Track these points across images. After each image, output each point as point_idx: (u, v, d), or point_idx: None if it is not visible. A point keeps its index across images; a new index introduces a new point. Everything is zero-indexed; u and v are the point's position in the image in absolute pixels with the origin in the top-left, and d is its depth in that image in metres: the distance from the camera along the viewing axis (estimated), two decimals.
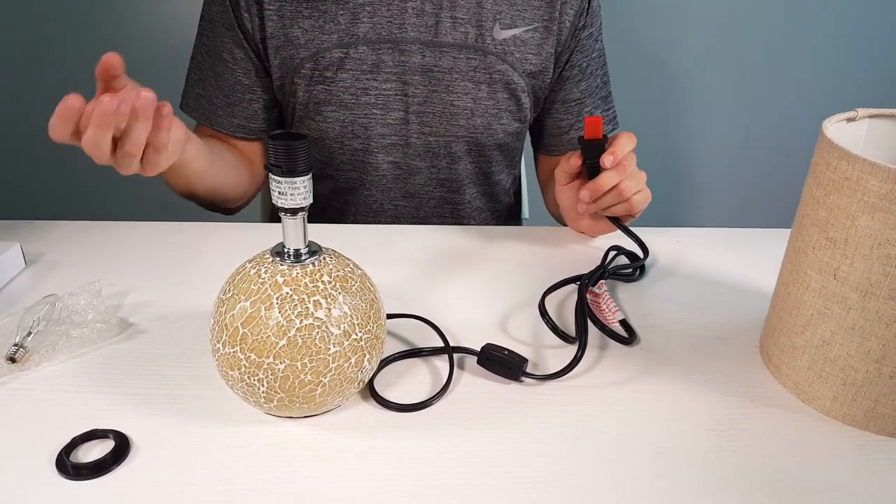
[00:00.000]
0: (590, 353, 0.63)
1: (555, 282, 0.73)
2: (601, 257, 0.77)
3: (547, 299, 0.70)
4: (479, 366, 0.60)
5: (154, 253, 0.78)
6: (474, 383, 0.59)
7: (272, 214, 1.14)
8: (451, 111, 0.90)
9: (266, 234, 0.84)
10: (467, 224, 1.00)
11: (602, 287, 0.70)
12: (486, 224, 1.04)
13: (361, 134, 0.90)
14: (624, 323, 0.66)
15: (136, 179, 0.72)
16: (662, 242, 0.83)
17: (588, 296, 0.70)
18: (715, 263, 0.79)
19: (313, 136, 0.91)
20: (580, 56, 0.94)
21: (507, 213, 1.10)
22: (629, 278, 0.75)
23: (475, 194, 1.00)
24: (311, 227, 0.76)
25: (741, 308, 0.71)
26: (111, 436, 0.50)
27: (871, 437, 0.53)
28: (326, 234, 0.84)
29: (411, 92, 0.89)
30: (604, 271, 0.73)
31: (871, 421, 0.53)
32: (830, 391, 0.54)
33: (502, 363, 0.59)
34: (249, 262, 0.52)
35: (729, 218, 2.05)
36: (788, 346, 0.57)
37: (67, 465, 0.47)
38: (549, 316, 0.67)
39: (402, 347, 0.62)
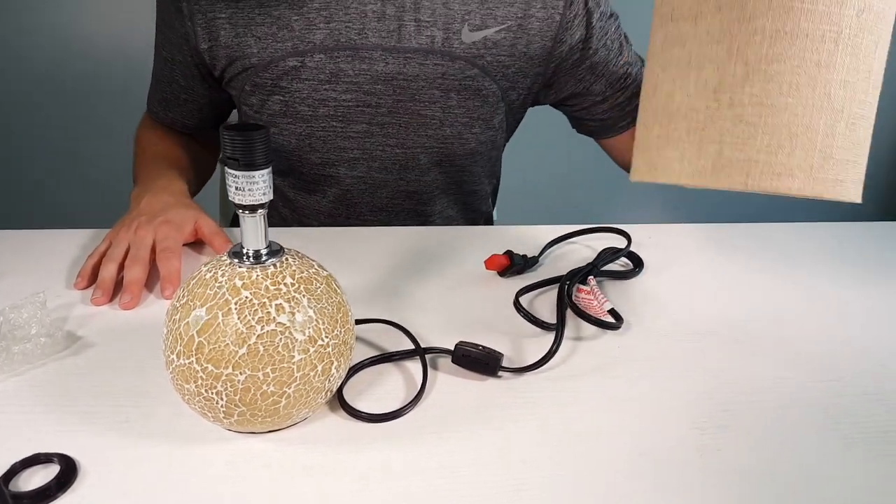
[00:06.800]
0: (569, 346, 0.61)
1: (528, 281, 0.70)
2: (579, 257, 0.75)
3: (524, 298, 0.68)
4: (453, 365, 0.57)
5: None
6: (449, 384, 0.56)
7: (232, 221, 1.10)
8: (419, 121, 0.84)
9: None
10: None
11: (591, 283, 0.68)
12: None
13: (320, 147, 0.85)
14: (612, 312, 0.64)
15: (84, 187, 0.69)
16: (636, 238, 0.81)
17: (579, 293, 0.67)
18: (692, 259, 0.78)
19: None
20: (603, 37, 0.86)
21: (483, 221, 1.07)
22: (624, 275, 0.73)
23: (447, 204, 0.96)
24: (271, 230, 0.72)
25: (718, 303, 0.69)
26: (56, 460, 0.46)
27: (855, 433, 0.52)
28: (287, 237, 0.80)
29: (374, 102, 0.83)
30: (593, 268, 0.71)
31: (720, 171, 0.47)
32: (677, 150, 0.49)
33: (478, 360, 0.56)
34: (205, 265, 0.48)
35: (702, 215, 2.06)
36: (641, 127, 0.52)
37: (6, 495, 0.43)
38: (524, 309, 0.64)
39: (372, 353, 0.59)
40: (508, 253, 0.72)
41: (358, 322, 0.62)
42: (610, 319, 0.63)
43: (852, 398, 0.55)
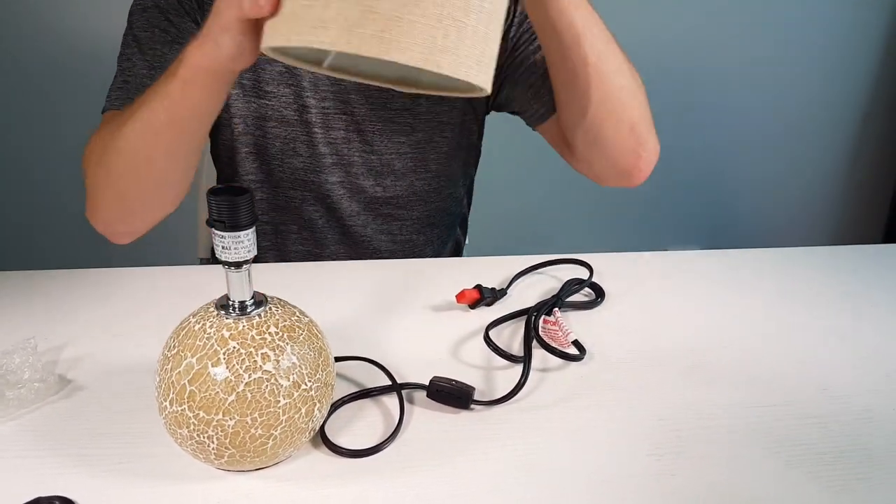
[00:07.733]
0: (536, 377, 0.65)
1: (500, 312, 0.75)
2: (546, 288, 0.79)
3: (495, 330, 0.72)
4: (428, 399, 0.61)
5: (90, 302, 0.76)
6: (425, 418, 0.59)
7: (211, 255, 1.12)
8: (391, 128, 0.91)
9: (207, 276, 0.83)
10: (415, 243, 1.01)
11: (557, 314, 0.72)
12: (434, 244, 1.05)
13: (303, 152, 0.91)
14: (576, 343, 0.69)
15: (64, 226, 0.71)
16: (597, 269, 0.86)
17: (545, 325, 0.72)
18: (650, 288, 0.82)
19: (254, 151, 0.91)
20: (527, 36, 0.87)
21: (454, 241, 1.11)
22: (587, 305, 0.78)
23: (423, 211, 1.00)
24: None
25: (674, 331, 0.74)
26: (57, 502, 0.49)
27: (795, 456, 0.57)
28: (268, 274, 0.83)
29: (349, 110, 0.90)
30: (558, 300, 0.75)
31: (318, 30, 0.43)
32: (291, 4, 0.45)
33: (451, 394, 0.60)
34: (193, 316, 0.52)
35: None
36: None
37: None
38: (494, 343, 0.68)
39: (352, 389, 0.62)
40: (478, 287, 0.76)
41: (337, 359, 0.66)
42: (573, 351, 0.67)
43: (794, 422, 0.60)
